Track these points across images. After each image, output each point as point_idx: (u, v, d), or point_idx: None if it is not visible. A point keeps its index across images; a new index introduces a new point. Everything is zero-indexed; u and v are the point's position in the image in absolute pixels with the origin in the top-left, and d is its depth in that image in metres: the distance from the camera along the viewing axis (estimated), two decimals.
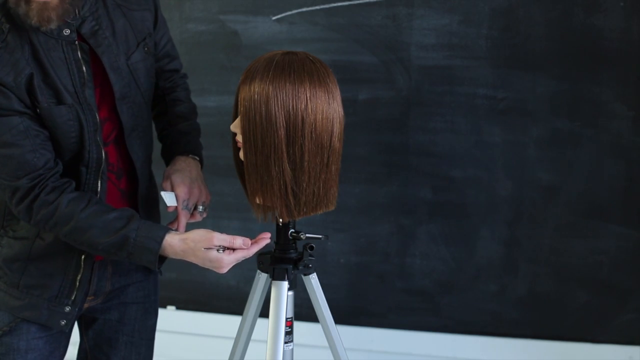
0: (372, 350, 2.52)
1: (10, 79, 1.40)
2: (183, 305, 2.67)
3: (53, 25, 1.42)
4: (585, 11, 2.27)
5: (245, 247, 1.46)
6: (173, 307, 2.67)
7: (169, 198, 1.58)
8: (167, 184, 1.61)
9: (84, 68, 1.47)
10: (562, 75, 2.31)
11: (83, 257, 1.53)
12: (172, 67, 1.78)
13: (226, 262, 1.45)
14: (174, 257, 1.47)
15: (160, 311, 1.79)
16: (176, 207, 1.59)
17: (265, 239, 1.49)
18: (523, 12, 2.30)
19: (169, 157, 1.72)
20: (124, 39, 1.55)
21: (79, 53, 1.46)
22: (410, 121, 2.40)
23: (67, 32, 1.45)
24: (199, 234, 1.45)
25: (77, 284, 1.54)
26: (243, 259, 1.47)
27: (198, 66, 2.54)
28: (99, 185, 1.51)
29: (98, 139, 1.49)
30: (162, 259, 1.49)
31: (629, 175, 2.31)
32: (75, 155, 1.49)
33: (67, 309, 1.55)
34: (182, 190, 1.59)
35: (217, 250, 1.44)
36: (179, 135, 1.73)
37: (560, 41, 2.30)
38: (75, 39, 1.46)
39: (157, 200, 1.72)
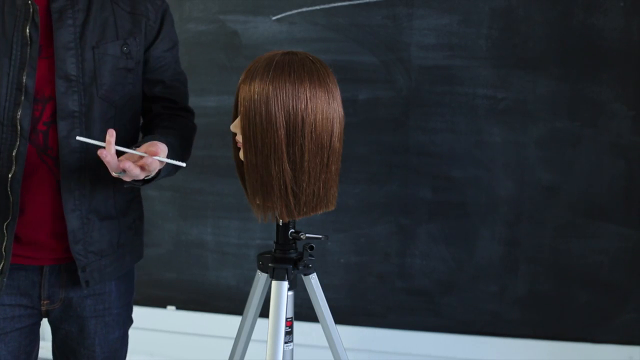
0: (372, 350, 2.51)
1: None
2: (183, 305, 2.67)
3: None
4: (585, 11, 2.27)
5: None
6: (173, 307, 2.67)
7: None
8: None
9: (27, 28, 1.44)
10: (562, 75, 2.31)
11: (5, 224, 1.48)
12: (174, 97, 1.65)
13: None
14: None
15: (160, 311, 1.78)
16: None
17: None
18: (523, 12, 2.30)
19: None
20: (100, 29, 1.52)
21: (30, 12, 1.45)
22: (410, 121, 2.40)
23: None
24: None
25: (3, 252, 1.49)
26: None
27: (198, 66, 2.54)
28: (17, 146, 1.46)
29: (17, 92, 1.44)
30: None
31: (629, 175, 2.31)
32: None
33: None
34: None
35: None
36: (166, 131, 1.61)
37: (560, 41, 2.30)
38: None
39: None
